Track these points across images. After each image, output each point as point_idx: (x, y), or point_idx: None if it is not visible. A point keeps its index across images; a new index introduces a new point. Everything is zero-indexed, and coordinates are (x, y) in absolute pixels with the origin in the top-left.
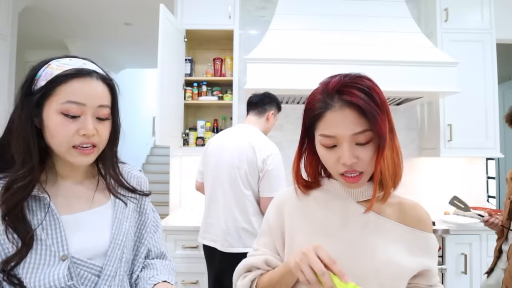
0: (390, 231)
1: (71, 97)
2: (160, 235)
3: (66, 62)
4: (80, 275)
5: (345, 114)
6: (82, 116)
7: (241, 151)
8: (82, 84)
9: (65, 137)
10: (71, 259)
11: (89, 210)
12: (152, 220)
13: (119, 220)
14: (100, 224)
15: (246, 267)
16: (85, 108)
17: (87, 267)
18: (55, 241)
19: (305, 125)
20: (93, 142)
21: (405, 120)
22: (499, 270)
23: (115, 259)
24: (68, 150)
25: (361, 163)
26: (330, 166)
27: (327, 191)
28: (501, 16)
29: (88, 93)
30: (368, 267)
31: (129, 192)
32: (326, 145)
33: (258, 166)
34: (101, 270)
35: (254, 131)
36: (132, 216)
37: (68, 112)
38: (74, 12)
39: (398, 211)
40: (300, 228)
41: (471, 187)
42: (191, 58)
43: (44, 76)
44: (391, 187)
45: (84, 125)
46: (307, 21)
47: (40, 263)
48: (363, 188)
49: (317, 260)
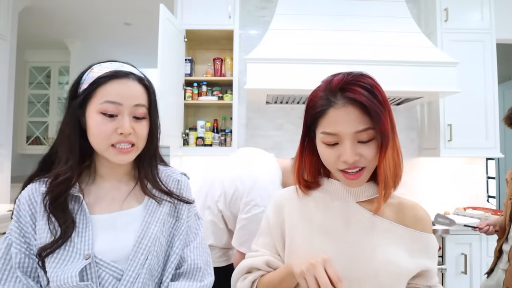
0: (389, 232)
1: (108, 97)
2: (198, 245)
3: (107, 66)
4: (101, 276)
5: (348, 111)
6: (120, 116)
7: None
8: (119, 85)
9: (104, 135)
10: (93, 259)
11: (120, 211)
12: (189, 228)
13: (147, 223)
14: (128, 226)
15: (246, 268)
16: (122, 107)
17: (108, 269)
18: (81, 239)
19: (306, 124)
20: (130, 141)
21: (405, 120)
22: (500, 270)
23: (137, 264)
24: (107, 149)
25: (363, 160)
26: (330, 164)
27: (327, 191)
28: (501, 16)
29: (124, 93)
30: (367, 268)
31: (164, 195)
32: (328, 143)
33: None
34: (122, 274)
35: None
36: (165, 221)
37: (106, 111)
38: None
39: (397, 212)
40: (300, 228)
41: (471, 187)
42: (191, 58)
43: (87, 80)
44: (391, 187)
45: (121, 124)
46: (307, 21)
47: (65, 259)
48: (363, 187)
49: (324, 275)
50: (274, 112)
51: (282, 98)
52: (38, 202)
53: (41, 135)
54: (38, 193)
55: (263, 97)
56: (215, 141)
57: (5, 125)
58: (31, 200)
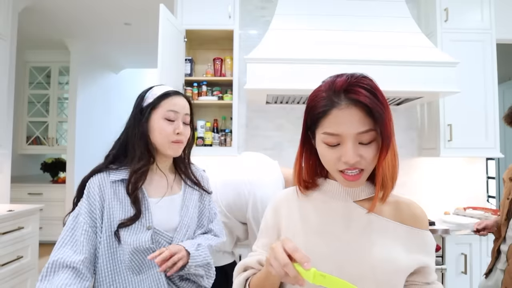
0: (387, 229)
1: (171, 107)
2: (218, 222)
3: (162, 88)
4: (158, 241)
5: (351, 112)
6: (176, 121)
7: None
8: (178, 99)
9: (167, 134)
10: (153, 229)
11: (167, 196)
12: (211, 209)
13: (186, 207)
14: (174, 207)
15: (242, 267)
16: (179, 115)
17: (163, 236)
18: (145, 215)
19: (306, 124)
20: (181, 140)
21: (405, 120)
22: (498, 271)
23: (181, 234)
24: (168, 144)
25: (363, 161)
26: (330, 165)
27: (325, 191)
28: (501, 16)
29: (180, 105)
30: (364, 265)
31: (194, 185)
32: (329, 143)
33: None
34: (172, 240)
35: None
36: (196, 205)
37: (169, 118)
38: (74, 12)
39: (394, 210)
40: (296, 229)
41: (471, 187)
42: (191, 58)
43: (151, 96)
44: (390, 188)
45: (178, 126)
46: (307, 21)
47: (134, 230)
48: (361, 187)
49: (282, 252)
50: (274, 112)
51: (282, 98)
52: (107, 187)
53: (41, 135)
54: (107, 181)
55: (263, 97)
56: (215, 141)
57: (5, 125)
58: (100, 186)
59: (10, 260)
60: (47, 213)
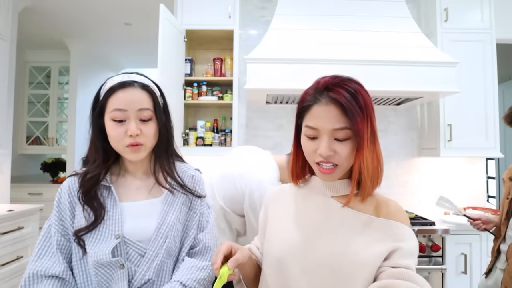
0: (358, 223)
1: (115, 105)
2: (210, 231)
3: (116, 78)
4: (128, 253)
5: (329, 109)
6: (127, 120)
7: None
8: (124, 93)
9: (118, 138)
10: (122, 238)
11: (144, 200)
12: (202, 215)
13: (165, 212)
14: (150, 213)
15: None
16: (128, 113)
17: (135, 247)
18: (112, 221)
19: (296, 119)
20: (138, 142)
21: (405, 120)
22: (498, 270)
23: (157, 245)
24: (123, 149)
25: (337, 157)
26: (308, 156)
27: (309, 186)
28: (501, 16)
29: (128, 100)
30: (325, 255)
31: (179, 187)
32: (309, 136)
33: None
34: (145, 252)
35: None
36: (181, 210)
37: (115, 118)
38: (74, 12)
39: (373, 208)
40: (278, 219)
41: (471, 187)
42: (191, 58)
43: (102, 93)
44: (369, 188)
45: (129, 127)
46: (307, 21)
47: (100, 238)
48: (340, 184)
49: (219, 252)
50: (274, 112)
51: (282, 98)
52: (76, 193)
53: (41, 135)
54: (76, 186)
55: (263, 97)
56: (215, 141)
57: (5, 125)
58: (70, 191)
59: (10, 260)
60: (47, 213)
